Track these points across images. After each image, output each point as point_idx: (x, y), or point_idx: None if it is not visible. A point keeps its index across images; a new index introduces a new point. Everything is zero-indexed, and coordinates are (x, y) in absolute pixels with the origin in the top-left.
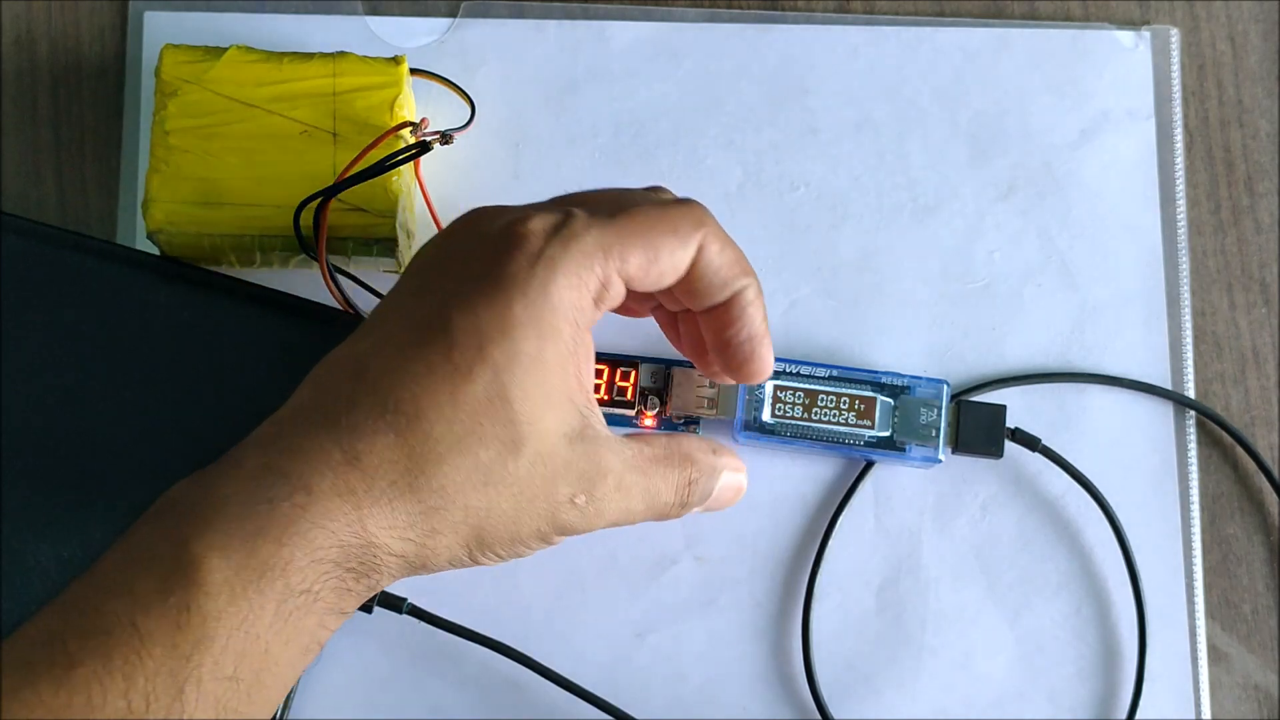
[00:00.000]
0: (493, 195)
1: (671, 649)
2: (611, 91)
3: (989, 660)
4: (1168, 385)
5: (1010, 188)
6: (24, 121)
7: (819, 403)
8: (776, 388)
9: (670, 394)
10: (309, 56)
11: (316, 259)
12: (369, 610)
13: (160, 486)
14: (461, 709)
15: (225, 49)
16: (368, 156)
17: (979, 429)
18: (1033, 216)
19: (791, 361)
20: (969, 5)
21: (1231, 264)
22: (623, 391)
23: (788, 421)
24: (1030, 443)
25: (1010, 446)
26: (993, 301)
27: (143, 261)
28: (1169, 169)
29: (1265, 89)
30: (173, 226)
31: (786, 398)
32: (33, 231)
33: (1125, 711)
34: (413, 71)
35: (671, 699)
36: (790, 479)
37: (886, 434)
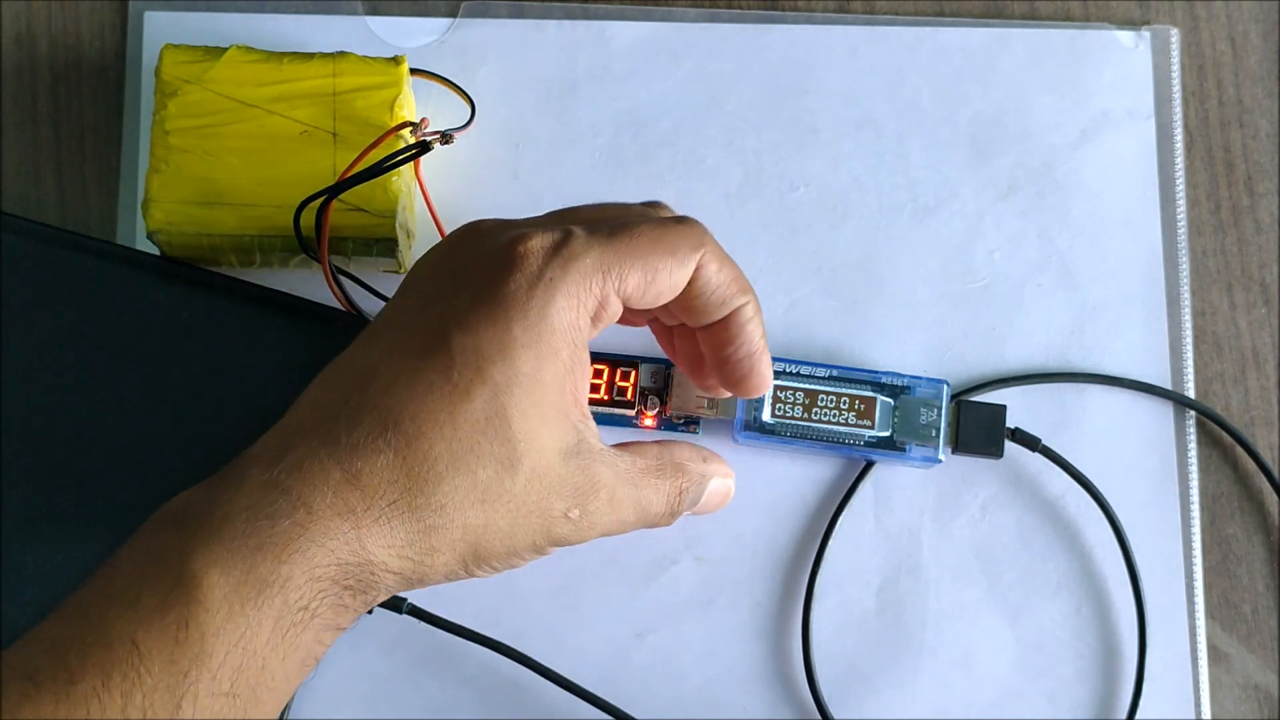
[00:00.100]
0: (493, 195)
1: (671, 649)
2: (611, 91)
3: (989, 660)
4: (1168, 385)
5: (1010, 188)
6: (24, 119)
7: (819, 403)
8: (776, 388)
9: (670, 394)
10: (309, 56)
11: (317, 259)
12: (369, 611)
13: (160, 486)
14: (461, 709)
15: (225, 49)
16: (368, 157)
17: (979, 429)
18: (1033, 216)
19: (791, 361)
20: (969, 5)
21: (1231, 264)
22: (623, 391)
23: (788, 421)
24: (1030, 443)
25: (1010, 446)
26: (993, 301)
27: (143, 261)
28: (1169, 169)
29: (1265, 89)
30: (173, 226)
31: (786, 398)
32: (33, 231)
33: (1125, 711)
34: (413, 71)
35: (671, 699)
36: (790, 479)
37: (886, 434)
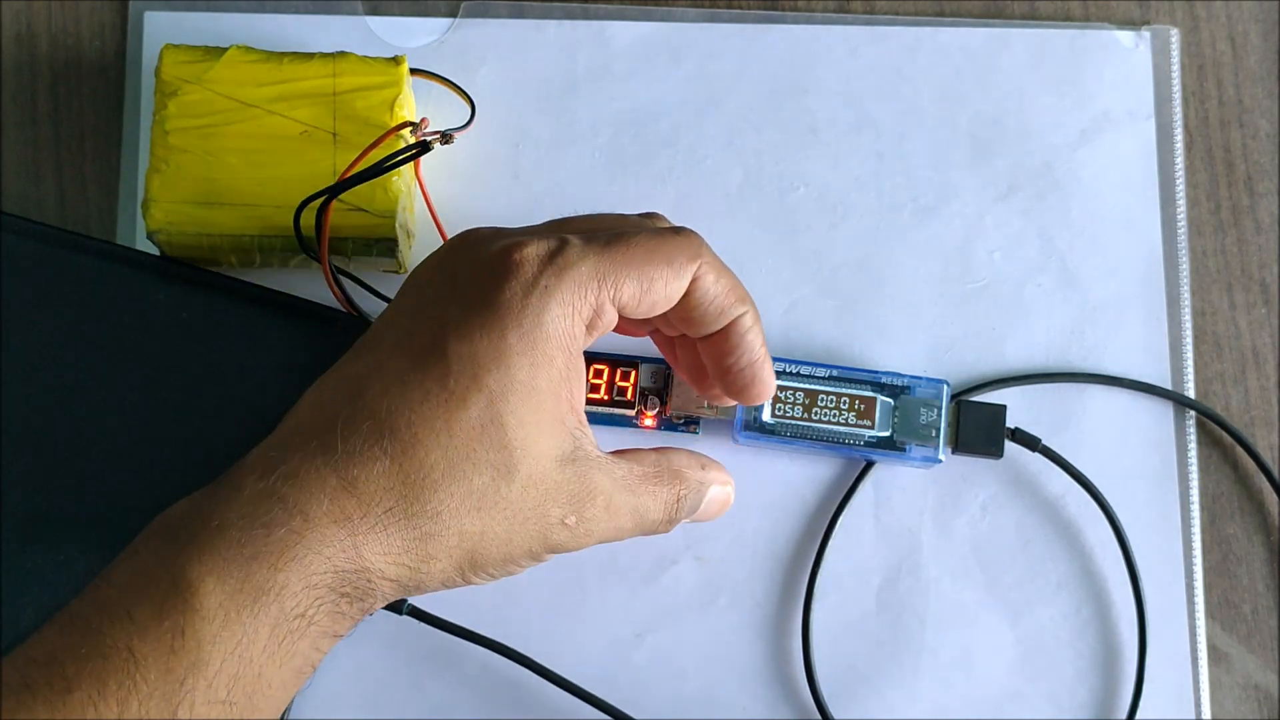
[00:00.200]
0: (493, 195)
1: (671, 649)
2: (611, 91)
3: (989, 660)
4: (1168, 385)
5: (1010, 188)
6: (24, 118)
7: (819, 403)
8: (776, 388)
9: (670, 394)
10: (309, 56)
11: (317, 259)
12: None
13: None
14: (461, 709)
15: (225, 49)
16: (368, 157)
17: (979, 429)
18: (1033, 216)
19: (791, 361)
20: (969, 5)
21: (1231, 264)
22: (623, 391)
23: (788, 421)
24: (1030, 443)
25: (1010, 446)
26: (993, 301)
27: (143, 261)
28: (1169, 169)
29: (1265, 89)
30: (173, 226)
31: (786, 398)
32: (33, 231)
33: (1125, 712)
34: (413, 71)
35: (671, 699)
36: (790, 479)
37: (886, 434)
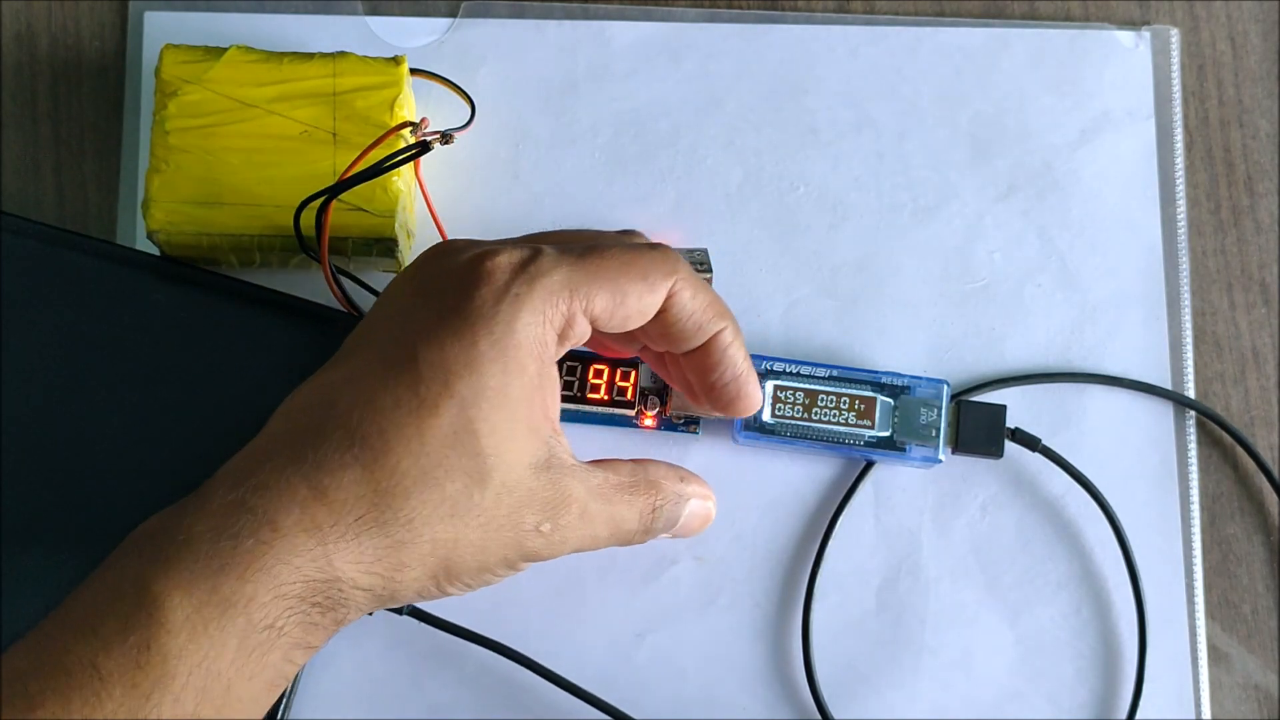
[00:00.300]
0: (493, 195)
1: (671, 649)
2: (611, 91)
3: (989, 660)
4: (1168, 385)
5: (1010, 188)
6: (24, 117)
7: (819, 403)
8: (776, 388)
9: (670, 394)
10: (309, 56)
11: (317, 259)
12: (370, 612)
13: (159, 486)
14: (461, 709)
15: (225, 49)
16: (368, 157)
17: (979, 429)
18: (1033, 216)
19: (791, 361)
20: (969, 5)
21: (1231, 264)
22: (623, 391)
23: (788, 421)
24: (1030, 443)
25: (1010, 446)
26: (993, 301)
27: (143, 261)
28: (1169, 169)
29: (1265, 89)
30: (173, 226)
31: (786, 398)
32: (32, 231)
33: (1125, 711)
34: (413, 71)
35: (671, 699)
36: (790, 479)
37: (886, 434)
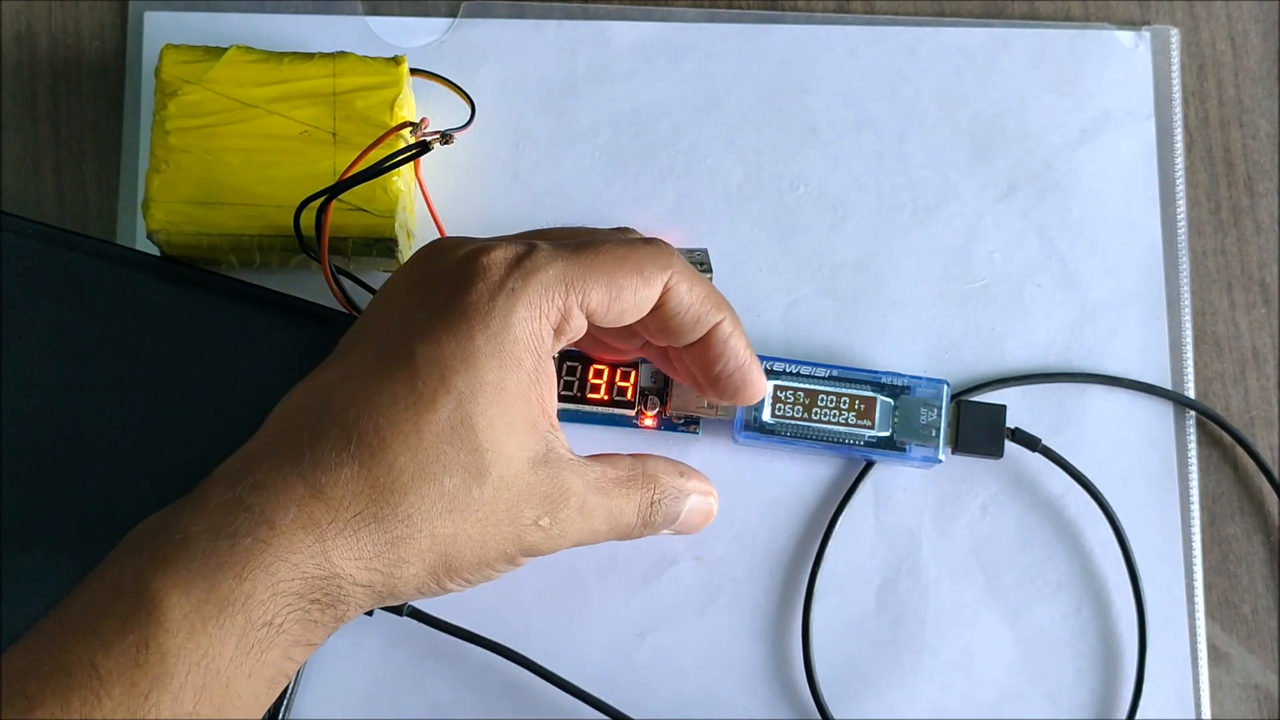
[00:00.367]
0: (493, 195)
1: (671, 649)
2: (611, 91)
3: (989, 660)
4: (1168, 385)
5: (1010, 188)
6: (23, 117)
7: (819, 403)
8: (776, 388)
9: (670, 394)
10: (309, 56)
11: (317, 259)
12: (370, 613)
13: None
14: (461, 710)
15: (225, 49)
16: (368, 157)
17: (979, 429)
18: (1033, 216)
19: (791, 361)
20: (969, 5)
21: (1231, 264)
22: (623, 391)
23: (788, 421)
24: (1030, 443)
25: (1010, 446)
26: (993, 301)
27: (143, 261)
28: (1169, 169)
29: (1265, 89)
30: (173, 226)
31: (786, 398)
32: (32, 231)
33: (1125, 711)
34: (413, 71)
35: (671, 699)
36: (790, 479)
37: (886, 434)
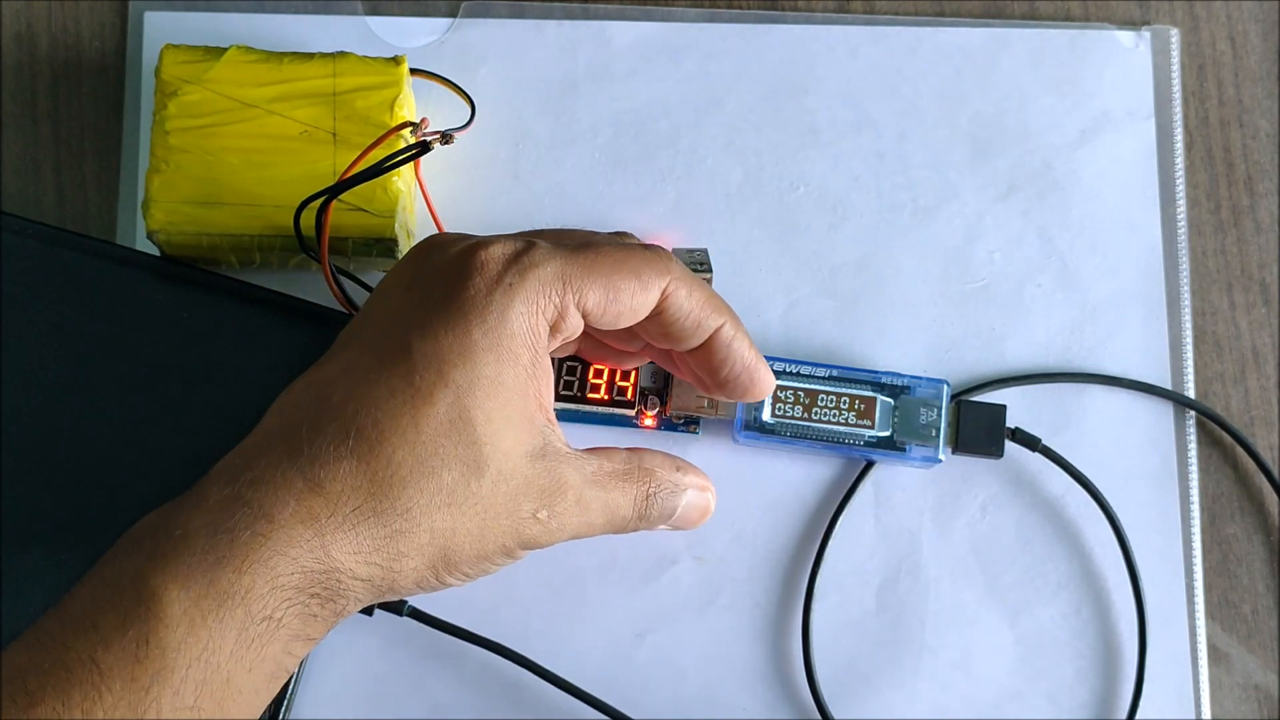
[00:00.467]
0: (493, 195)
1: (671, 649)
2: (611, 91)
3: (989, 660)
4: (1168, 385)
5: (1010, 188)
6: (23, 117)
7: (819, 403)
8: (776, 388)
9: (670, 394)
10: (309, 56)
11: (317, 259)
12: (369, 613)
13: (159, 487)
14: (461, 710)
15: (225, 49)
16: (368, 157)
17: (979, 429)
18: (1033, 216)
19: (791, 361)
20: (969, 5)
21: (1231, 264)
22: (623, 391)
23: (788, 421)
24: (1030, 443)
25: (1010, 446)
26: (993, 301)
27: (143, 261)
28: (1169, 169)
29: (1265, 89)
30: (173, 226)
31: (786, 398)
32: (32, 231)
33: (1125, 711)
34: (413, 71)
35: (671, 699)
36: (790, 479)
37: (886, 434)
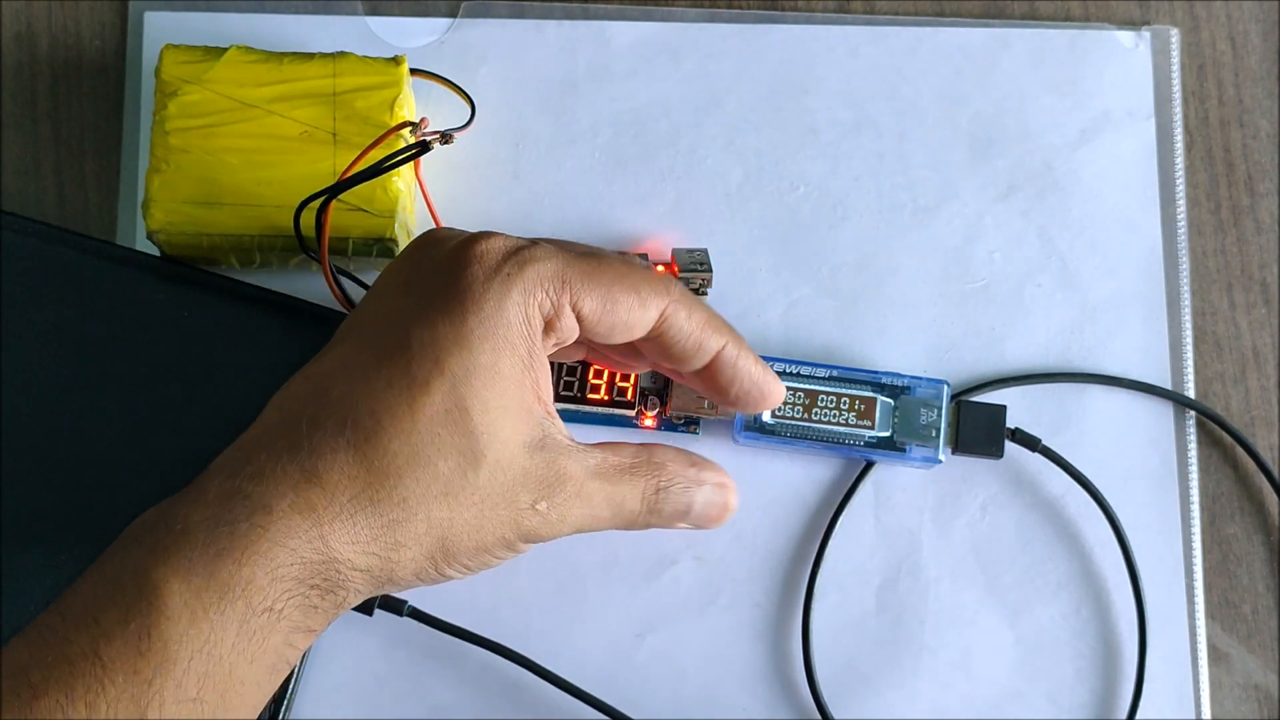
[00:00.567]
0: (493, 195)
1: (671, 649)
2: (611, 91)
3: (989, 660)
4: (1168, 385)
5: (1010, 188)
6: (23, 117)
7: (819, 403)
8: None
9: (670, 394)
10: (309, 56)
11: (317, 259)
12: (369, 612)
13: (159, 487)
14: (461, 710)
15: (225, 49)
16: (368, 156)
17: (979, 429)
18: (1033, 216)
19: (791, 362)
20: (969, 5)
21: (1231, 264)
22: (623, 392)
23: (788, 422)
24: (1030, 443)
25: (1010, 446)
26: (993, 301)
27: (143, 261)
28: (1169, 169)
29: (1265, 89)
30: (173, 226)
31: (787, 398)
32: (32, 231)
33: (1125, 711)
34: (413, 71)
35: (671, 699)
36: (790, 479)
37: (886, 434)
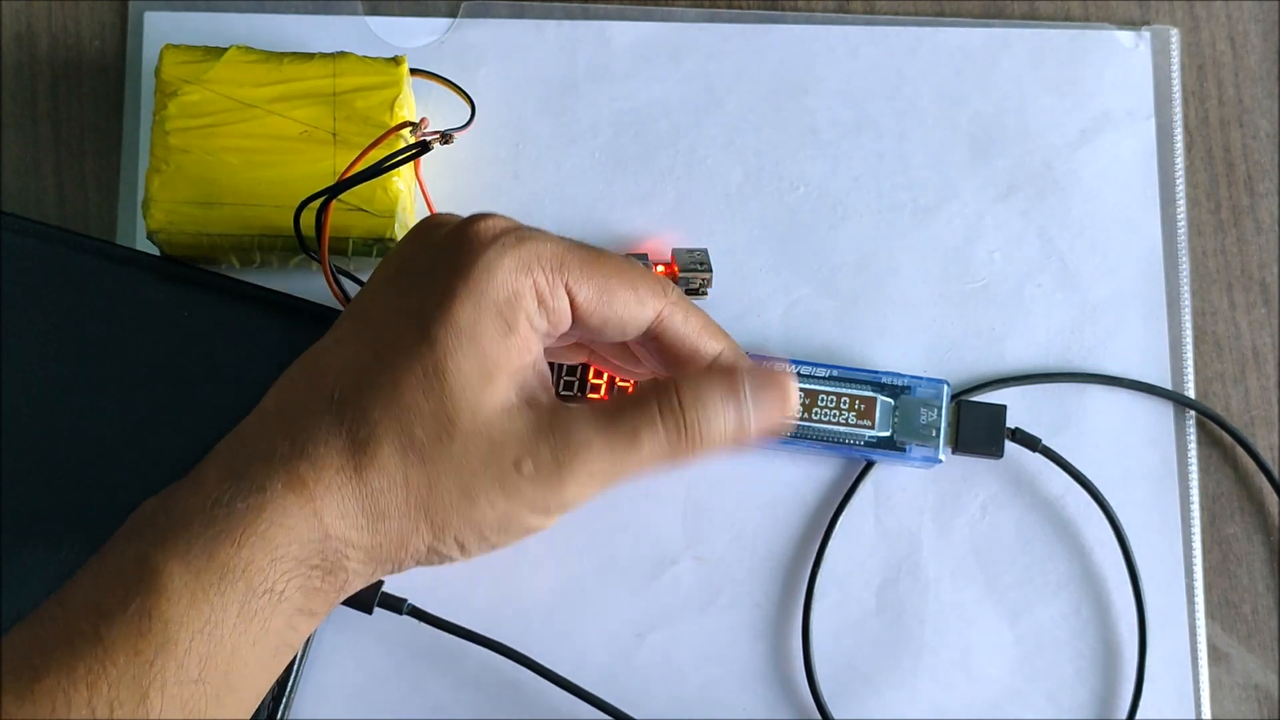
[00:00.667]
0: (493, 195)
1: (671, 649)
2: (611, 91)
3: (988, 660)
4: (1168, 385)
5: (1010, 188)
6: (24, 117)
7: (819, 403)
8: None
9: None
10: (309, 56)
11: (317, 259)
12: (369, 611)
13: (159, 486)
14: (461, 709)
15: (225, 49)
16: (368, 156)
17: (979, 429)
18: (1033, 216)
19: (791, 361)
20: (969, 5)
21: (1231, 264)
22: (623, 391)
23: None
24: (1030, 443)
25: (1010, 446)
26: (993, 301)
27: (143, 261)
28: (1169, 169)
29: (1265, 89)
30: (173, 226)
31: None
32: (32, 231)
33: (1125, 711)
34: (413, 71)
35: (671, 699)
36: (790, 479)
37: (886, 434)
